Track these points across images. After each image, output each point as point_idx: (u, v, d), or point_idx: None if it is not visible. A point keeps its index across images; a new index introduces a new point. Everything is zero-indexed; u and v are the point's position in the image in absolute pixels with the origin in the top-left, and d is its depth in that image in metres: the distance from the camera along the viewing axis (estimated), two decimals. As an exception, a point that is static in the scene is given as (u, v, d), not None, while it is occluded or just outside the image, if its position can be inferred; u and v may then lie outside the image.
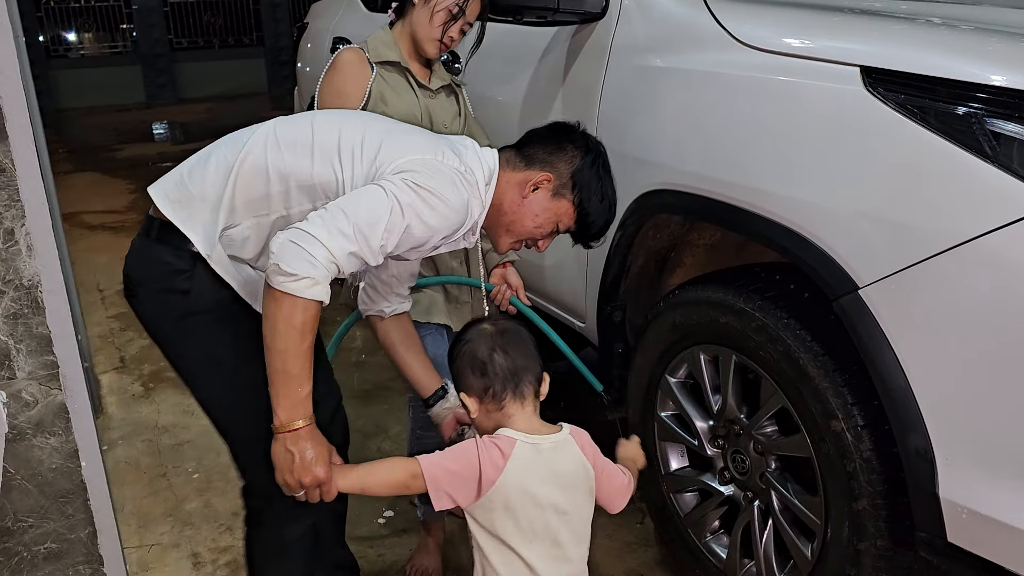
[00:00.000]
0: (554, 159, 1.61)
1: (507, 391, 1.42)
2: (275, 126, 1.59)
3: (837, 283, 1.51)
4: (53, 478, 1.44)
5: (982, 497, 1.37)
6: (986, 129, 1.33)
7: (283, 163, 1.52)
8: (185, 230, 1.54)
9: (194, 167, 1.60)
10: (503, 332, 1.47)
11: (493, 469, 1.36)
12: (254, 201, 1.53)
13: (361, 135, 1.55)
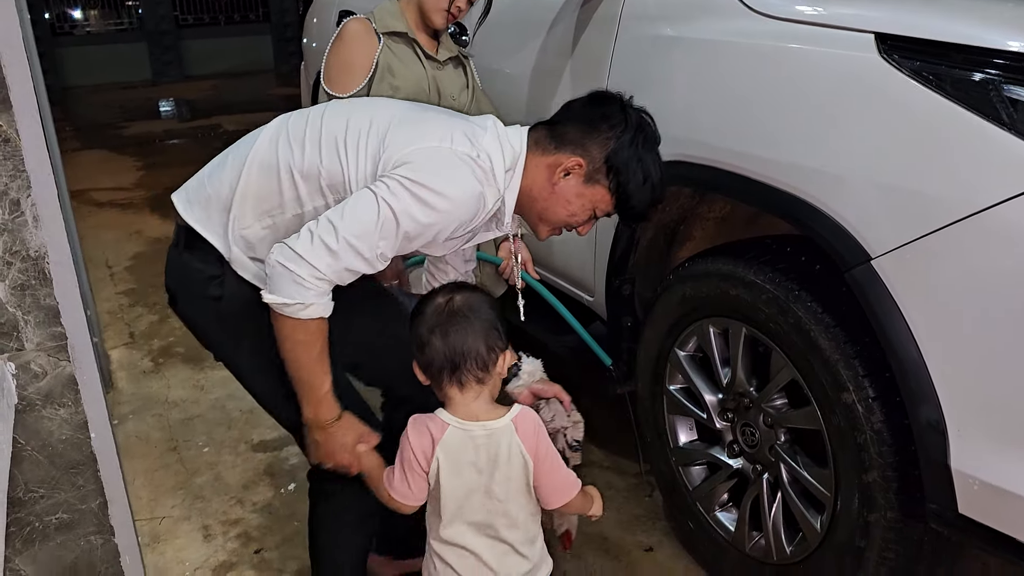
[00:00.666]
0: (587, 141, 1.50)
1: (443, 375, 1.38)
2: (287, 120, 1.56)
3: (849, 254, 1.49)
4: (63, 449, 1.45)
5: (994, 468, 1.36)
6: (1003, 96, 1.30)
7: (292, 158, 1.49)
8: (203, 232, 1.54)
9: (214, 169, 1.60)
10: (451, 312, 1.38)
11: (423, 456, 1.38)
12: (265, 199, 1.51)
13: (368, 123, 1.49)
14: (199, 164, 1.67)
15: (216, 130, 7.87)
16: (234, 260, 1.53)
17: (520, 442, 1.38)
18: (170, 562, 2.18)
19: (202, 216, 1.56)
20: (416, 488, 1.43)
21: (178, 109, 9.40)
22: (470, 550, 1.43)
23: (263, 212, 1.51)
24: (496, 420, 1.39)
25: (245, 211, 1.52)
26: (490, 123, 1.56)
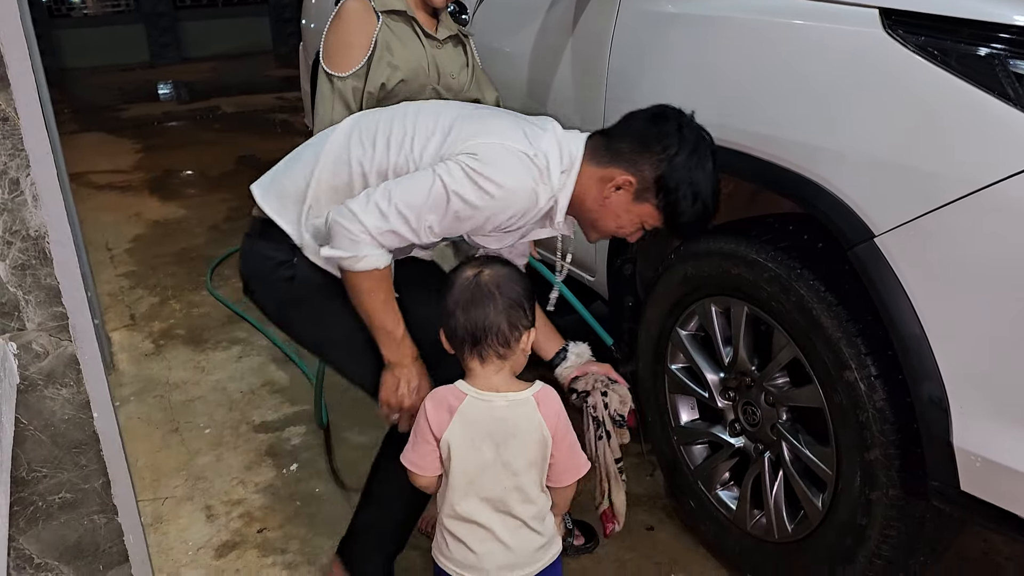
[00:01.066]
0: (639, 159, 1.53)
1: (465, 347, 1.40)
2: (359, 118, 1.69)
3: (852, 231, 1.48)
4: (66, 429, 1.45)
5: (996, 445, 1.36)
6: (1009, 71, 1.29)
7: (363, 153, 1.60)
8: (278, 220, 1.66)
9: (289, 163, 1.72)
10: (476, 286, 1.39)
11: (437, 426, 1.40)
12: (337, 189, 1.61)
13: (434, 122, 1.60)
14: (198, 146, 1.70)
15: (215, 112, 7.84)
16: (306, 247, 1.64)
17: (542, 418, 1.40)
18: (173, 542, 2.19)
19: (277, 206, 1.67)
20: (422, 459, 1.43)
21: (176, 91, 9.36)
22: (483, 525, 1.43)
23: (333, 202, 1.60)
24: (517, 393, 1.41)
25: (319, 202, 1.62)
26: (550, 126, 1.63)
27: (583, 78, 2.19)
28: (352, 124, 1.68)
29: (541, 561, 1.48)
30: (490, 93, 2.27)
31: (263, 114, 7.68)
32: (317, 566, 2.06)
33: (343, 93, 2.05)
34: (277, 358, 3.13)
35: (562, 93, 2.29)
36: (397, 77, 2.06)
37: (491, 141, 1.52)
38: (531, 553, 1.47)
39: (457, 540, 1.46)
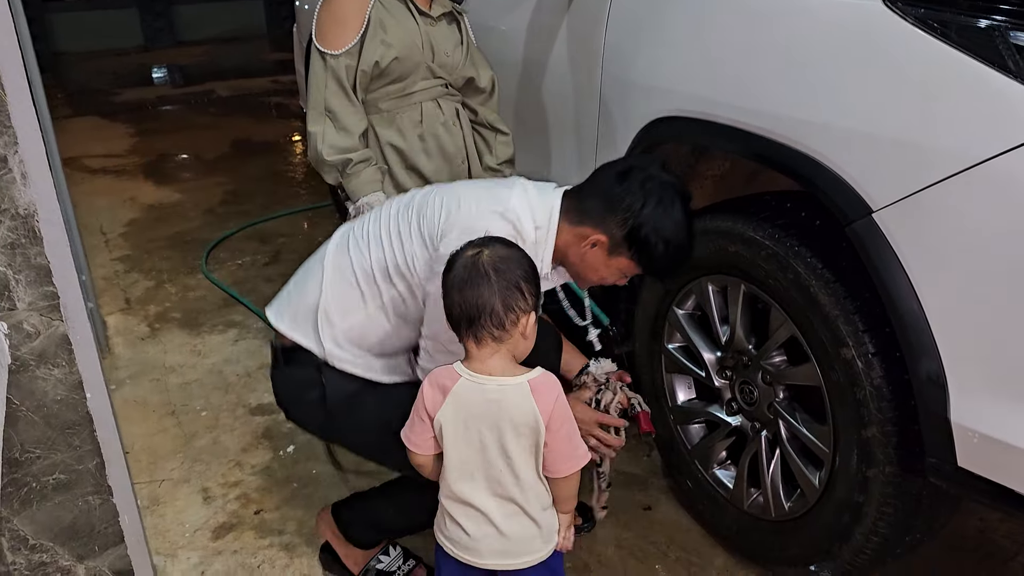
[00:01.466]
0: (606, 218, 1.56)
1: (461, 327, 1.39)
2: (351, 226, 1.75)
3: (851, 208, 1.47)
4: (58, 409, 1.44)
5: (994, 421, 1.35)
6: (1009, 43, 1.27)
7: (361, 257, 1.66)
8: (295, 336, 1.71)
9: (297, 282, 1.79)
10: (474, 266, 1.38)
11: (432, 405, 1.41)
12: (348, 298, 1.67)
13: (408, 205, 1.66)
14: (193, 130, 1.69)
15: (210, 96, 7.78)
16: (329, 356, 1.68)
17: (535, 404, 1.37)
18: (170, 524, 2.18)
19: (292, 324, 1.73)
20: (418, 437, 1.43)
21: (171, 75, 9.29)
22: (478, 508, 1.43)
23: (347, 310, 1.66)
24: (511, 378, 1.38)
25: (331, 311, 1.67)
26: (518, 184, 1.65)
27: (579, 55, 2.17)
28: (345, 230, 1.75)
29: (537, 553, 1.47)
30: (485, 72, 2.25)
31: (258, 97, 7.62)
32: (314, 547, 2.06)
33: (336, 71, 2.03)
34: (273, 341, 3.12)
35: (558, 71, 2.26)
36: (391, 55, 2.04)
37: (461, 214, 1.55)
38: (526, 542, 1.45)
39: (455, 522, 1.46)
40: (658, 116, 1.88)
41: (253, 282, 3.65)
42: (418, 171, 2.17)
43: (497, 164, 2.31)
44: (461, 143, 2.23)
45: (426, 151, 2.17)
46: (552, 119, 2.35)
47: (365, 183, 2.07)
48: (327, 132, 2.05)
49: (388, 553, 1.92)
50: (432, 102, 2.16)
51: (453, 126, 2.20)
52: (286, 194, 4.83)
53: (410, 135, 2.15)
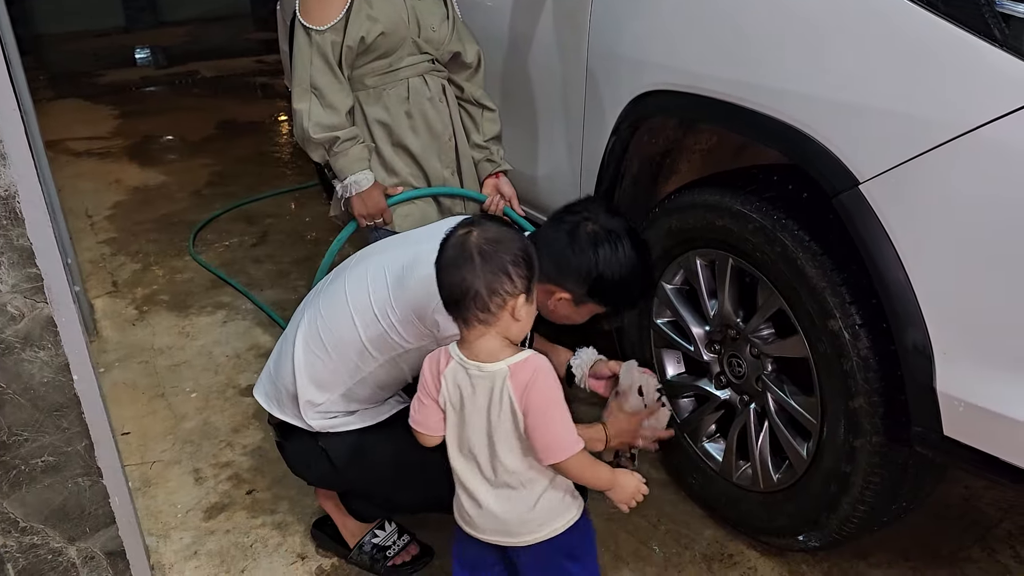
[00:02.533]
0: (563, 276, 1.60)
1: (449, 308, 1.37)
2: (319, 301, 1.74)
3: (837, 179, 1.47)
4: (45, 392, 1.43)
5: (979, 390, 1.36)
6: (995, 11, 1.27)
7: (328, 337, 1.68)
8: (289, 421, 1.77)
9: (275, 360, 1.81)
10: (462, 247, 1.33)
11: (433, 384, 1.42)
12: (319, 378, 1.70)
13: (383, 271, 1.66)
14: (177, 112, 1.67)
15: (193, 77, 7.70)
16: (320, 428, 1.73)
17: (511, 389, 1.34)
18: (162, 505, 2.18)
19: (279, 409, 1.78)
20: (425, 419, 1.43)
21: (154, 56, 9.17)
22: (470, 488, 1.44)
23: (327, 389, 1.70)
24: (493, 363, 1.35)
25: (307, 389, 1.71)
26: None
27: (565, 29, 2.15)
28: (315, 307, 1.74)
29: (536, 533, 1.45)
30: (471, 47, 2.23)
31: (242, 78, 7.54)
32: (307, 525, 2.07)
33: (321, 47, 2.00)
34: (262, 321, 3.11)
35: (544, 45, 2.25)
36: (377, 30, 2.02)
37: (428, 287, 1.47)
38: (521, 523, 1.44)
39: (458, 497, 1.48)
40: (645, 90, 1.87)
41: (241, 263, 3.63)
42: (405, 147, 2.16)
43: (484, 141, 2.29)
44: (448, 120, 2.21)
45: (413, 128, 2.15)
46: (539, 94, 2.34)
47: (353, 161, 2.06)
48: (313, 109, 2.03)
49: (384, 528, 1.94)
50: (419, 78, 2.14)
51: (440, 102, 2.19)
52: (272, 175, 4.80)
53: (397, 112, 2.13)
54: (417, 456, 1.65)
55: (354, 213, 2.12)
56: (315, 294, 1.81)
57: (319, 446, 1.75)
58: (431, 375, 1.41)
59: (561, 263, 1.60)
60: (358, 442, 1.74)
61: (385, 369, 1.69)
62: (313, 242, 3.83)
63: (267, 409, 1.82)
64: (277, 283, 3.43)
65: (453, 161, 2.24)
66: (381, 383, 1.73)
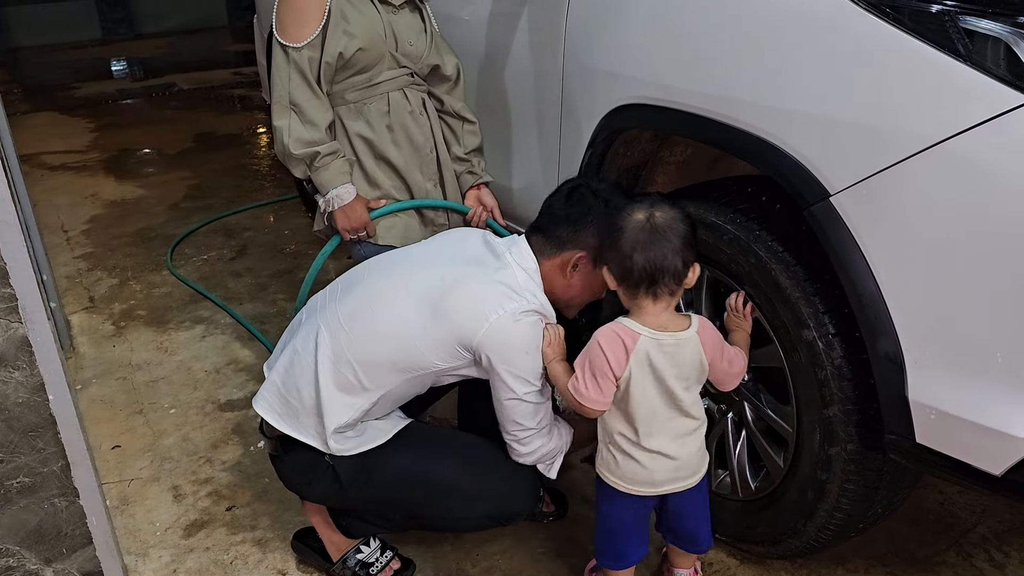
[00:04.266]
0: (580, 235, 1.68)
1: (640, 288, 1.50)
2: (338, 310, 1.71)
3: (809, 191, 1.49)
4: (20, 412, 1.42)
5: (949, 397, 1.38)
6: (959, 27, 1.30)
7: (357, 353, 1.66)
8: (302, 438, 1.72)
9: (284, 374, 1.75)
10: (652, 229, 1.48)
11: (617, 364, 1.50)
12: (350, 392, 1.67)
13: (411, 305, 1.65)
14: (155, 124, 1.66)
15: (171, 89, 7.66)
16: (335, 451, 1.70)
17: (702, 350, 1.53)
18: (141, 523, 2.17)
19: (294, 425, 1.74)
20: (605, 396, 1.53)
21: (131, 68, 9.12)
22: (667, 454, 1.58)
23: (350, 405, 1.68)
24: (684, 331, 1.52)
25: (334, 410, 1.67)
26: (505, 263, 1.69)
27: (541, 44, 2.17)
28: (333, 315, 1.71)
29: (699, 472, 1.64)
30: (450, 59, 2.24)
31: (220, 90, 7.52)
32: (287, 540, 2.06)
33: (299, 64, 2.01)
34: (242, 336, 3.10)
35: (520, 60, 2.26)
36: (355, 46, 2.03)
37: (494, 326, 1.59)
38: (701, 459, 1.64)
39: (629, 458, 1.59)
40: (620, 103, 1.89)
41: (220, 277, 3.62)
42: (387, 161, 2.17)
43: (465, 154, 2.30)
44: (429, 133, 2.22)
45: (395, 141, 2.16)
46: (515, 107, 2.35)
47: (334, 175, 2.06)
48: (293, 126, 2.03)
49: (368, 544, 1.93)
50: (399, 92, 2.15)
51: (420, 115, 2.20)
52: (251, 187, 4.78)
53: (378, 126, 2.14)
54: (421, 474, 1.74)
55: (337, 227, 2.13)
56: (324, 305, 1.76)
57: (327, 463, 1.73)
58: (615, 357, 1.50)
59: (573, 219, 1.69)
60: (365, 461, 1.73)
61: (410, 383, 1.70)
62: (292, 255, 3.82)
63: (273, 424, 1.75)
64: (256, 297, 3.41)
65: (435, 173, 2.25)
66: (399, 397, 1.74)
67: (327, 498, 1.85)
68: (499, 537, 2.04)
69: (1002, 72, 1.25)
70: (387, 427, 1.76)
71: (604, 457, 1.64)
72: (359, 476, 1.74)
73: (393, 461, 1.74)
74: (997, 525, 2.05)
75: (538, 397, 1.66)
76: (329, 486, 1.76)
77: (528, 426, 1.67)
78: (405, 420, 1.81)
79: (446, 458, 1.78)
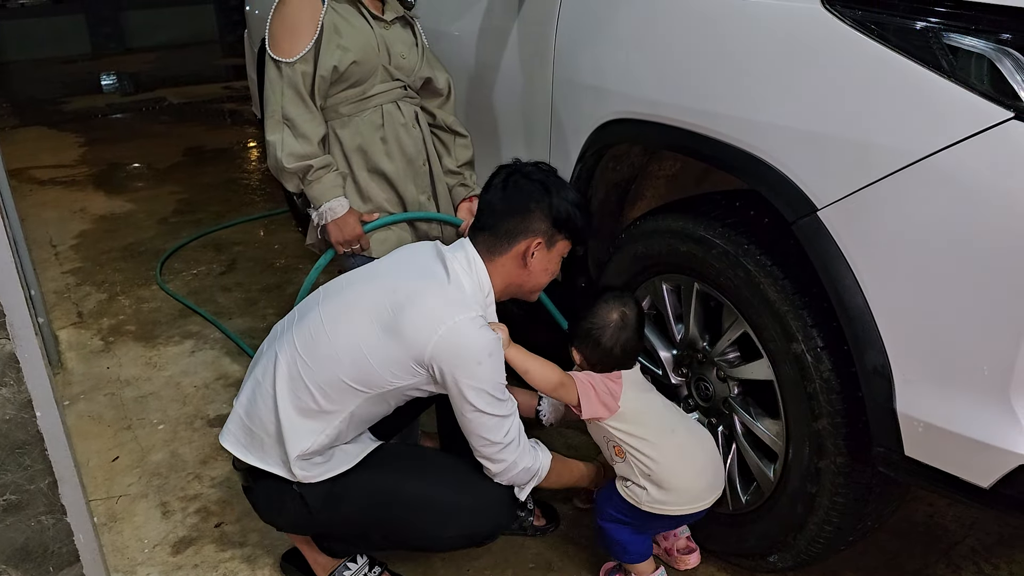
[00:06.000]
0: (529, 222, 1.71)
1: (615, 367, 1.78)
2: (294, 338, 1.69)
3: (796, 206, 1.50)
4: (7, 429, 1.41)
5: (937, 410, 1.39)
6: (943, 44, 1.31)
7: (314, 377, 1.64)
8: (266, 468, 1.71)
9: (248, 405, 1.74)
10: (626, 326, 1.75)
11: (613, 400, 1.76)
12: (311, 417, 1.66)
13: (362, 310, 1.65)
14: (144, 139, 1.66)
15: (161, 103, 7.67)
16: (301, 479, 1.69)
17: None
18: (128, 540, 2.15)
19: (260, 455, 1.72)
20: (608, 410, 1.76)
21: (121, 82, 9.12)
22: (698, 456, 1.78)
23: (312, 431, 1.66)
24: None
25: (297, 436, 1.66)
26: (455, 265, 1.70)
27: (530, 59, 2.18)
28: (289, 343, 1.69)
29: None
30: (441, 74, 2.26)
31: (210, 104, 7.53)
32: (276, 558, 2.04)
33: (292, 79, 2.02)
34: (231, 351, 3.09)
35: (510, 74, 2.28)
36: (349, 59, 2.04)
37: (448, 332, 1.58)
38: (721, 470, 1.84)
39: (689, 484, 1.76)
40: (609, 118, 1.91)
41: (209, 292, 3.61)
42: (381, 173, 2.17)
43: (457, 167, 2.31)
44: (422, 145, 2.23)
45: (388, 153, 2.17)
46: (504, 123, 2.37)
47: (327, 189, 2.06)
48: (286, 140, 2.03)
49: (356, 560, 1.92)
50: (392, 104, 2.16)
51: (413, 128, 2.21)
52: (241, 202, 4.78)
53: (372, 138, 2.14)
54: (388, 497, 1.71)
55: (331, 240, 2.13)
56: (283, 332, 1.75)
57: (295, 491, 1.71)
58: (607, 397, 1.75)
59: (518, 208, 1.72)
60: (332, 487, 1.71)
61: (372, 403, 1.68)
62: (282, 269, 3.82)
63: (240, 457, 1.75)
64: (246, 311, 3.41)
65: (428, 186, 2.26)
66: (365, 418, 1.72)
67: (299, 526, 1.82)
68: (490, 552, 2.03)
69: (985, 88, 1.27)
70: (355, 451, 1.74)
71: (634, 491, 1.79)
72: (327, 502, 1.71)
73: (360, 484, 1.72)
74: (986, 537, 2.06)
75: (500, 408, 1.63)
76: (299, 513, 1.74)
77: (494, 440, 1.65)
78: (374, 443, 1.79)
79: (414, 479, 1.76)
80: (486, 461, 1.69)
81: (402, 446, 1.98)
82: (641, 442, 1.75)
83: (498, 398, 1.62)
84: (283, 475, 1.70)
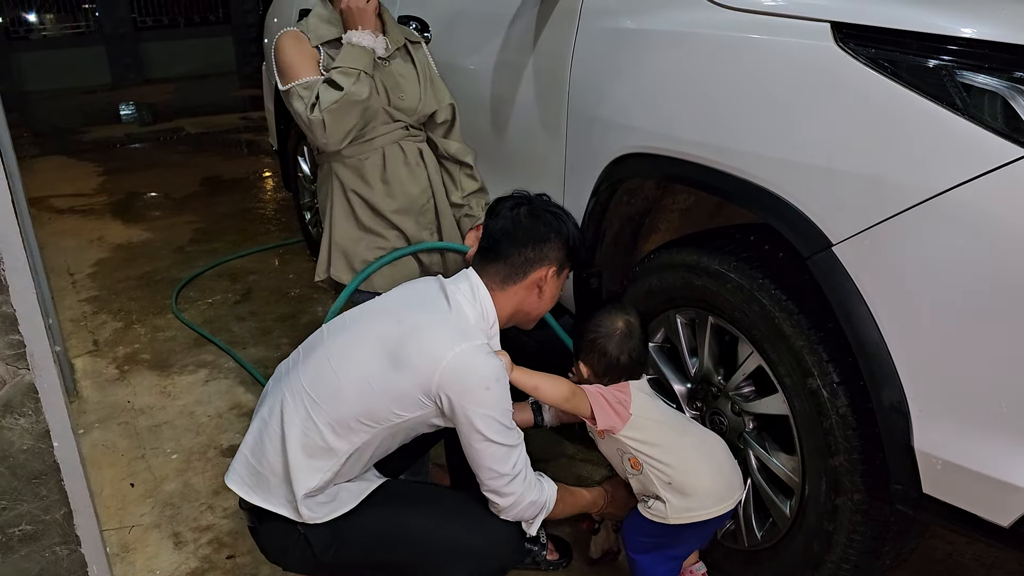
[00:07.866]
0: (543, 252, 1.73)
1: (622, 377, 1.81)
2: (300, 376, 1.68)
3: (811, 241, 1.50)
4: (25, 459, 1.42)
5: (956, 448, 1.38)
6: (956, 81, 1.32)
7: (323, 415, 1.63)
8: (271, 508, 1.68)
9: (254, 445, 1.72)
10: (631, 335, 1.80)
11: (624, 410, 1.77)
12: (318, 456, 1.64)
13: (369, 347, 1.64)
14: (162, 168, 1.68)
15: (179, 133, 7.77)
16: (306, 519, 1.66)
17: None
18: (140, 571, 2.14)
19: (266, 495, 1.70)
20: (622, 420, 1.77)
21: (139, 113, 9.26)
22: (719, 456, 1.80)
23: (319, 469, 1.64)
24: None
25: (304, 475, 1.64)
26: (458, 296, 1.70)
27: (545, 93, 2.20)
28: (296, 382, 1.68)
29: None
30: (444, 102, 2.26)
31: (228, 134, 7.63)
32: (288, 590, 2.03)
33: (309, 87, 2.03)
34: (245, 380, 3.10)
35: (524, 109, 2.30)
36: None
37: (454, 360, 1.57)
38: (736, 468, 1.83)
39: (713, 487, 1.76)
40: (623, 153, 1.92)
41: (224, 321, 3.63)
42: (382, 215, 2.19)
43: (463, 198, 2.32)
44: (426, 183, 2.24)
45: (390, 194, 2.18)
46: (519, 156, 2.38)
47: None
48: (322, 94, 2.00)
49: None
50: (394, 145, 2.18)
51: (417, 167, 2.22)
52: (256, 231, 4.82)
53: (374, 180, 2.16)
54: (395, 535, 1.69)
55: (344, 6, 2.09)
56: (288, 371, 1.73)
57: (299, 532, 1.69)
58: (620, 408, 1.77)
59: (537, 235, 1.73)
60: (337, 527, 1.69)
61: (379, 439, 1.66)
62: (297, 299, 3.84)
63: (245, 497, 1.71)
64: (260, 341, 3.42)
65: (432, 222, 2.27)
66: (370, 456, 1.71)
67: (305, 566, 1.78)
68: (502, 587, 2.02)
69: (999, 125, 1.27)
70: (359, 489, 1.72)
71: (657, 507, 1.80)
72: (332, 543, 1.69)
73: (365, 524, 1.70)
74: (1007, 576, 2.03)
75: (508, 437, 1.62)
76: (303, 554, 1.71)
77: (502, 471, 1.63)
78: (379, 480, 1.77)
79: (420, 517, 1.73)
80: (493, 496, 1.67)
81: (408, 483, 1.95)
82: (655, 448, 1.76)
83: (506, 426, 1.62)
84: (289, 516, 1.67)
